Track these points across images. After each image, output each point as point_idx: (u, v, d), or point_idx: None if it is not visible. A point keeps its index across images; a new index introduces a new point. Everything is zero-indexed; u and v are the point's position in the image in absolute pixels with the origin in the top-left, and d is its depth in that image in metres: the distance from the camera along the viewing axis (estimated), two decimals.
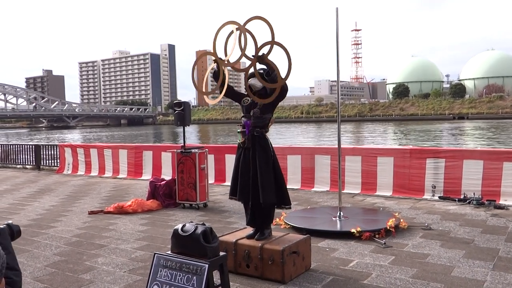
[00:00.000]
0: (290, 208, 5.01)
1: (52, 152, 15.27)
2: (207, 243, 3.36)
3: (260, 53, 4.48)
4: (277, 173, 4.81)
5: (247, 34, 4.46)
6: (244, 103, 4.87)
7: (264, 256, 4.51)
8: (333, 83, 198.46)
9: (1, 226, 1.37)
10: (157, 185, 8.58)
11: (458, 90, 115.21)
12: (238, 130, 4.84)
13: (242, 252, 4.65)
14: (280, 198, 4.81)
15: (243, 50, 4.52)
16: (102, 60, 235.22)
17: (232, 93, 4.94)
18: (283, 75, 4.43)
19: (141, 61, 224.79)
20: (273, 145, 4.92)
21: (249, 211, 4.88)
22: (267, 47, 4.48)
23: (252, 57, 4.51)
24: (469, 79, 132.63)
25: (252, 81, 4.74)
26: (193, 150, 8.18)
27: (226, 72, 4.66)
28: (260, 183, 4.63)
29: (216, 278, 3.54)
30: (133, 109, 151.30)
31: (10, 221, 1.42)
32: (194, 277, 3.25)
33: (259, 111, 4.72)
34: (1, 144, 17.88)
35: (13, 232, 1.40)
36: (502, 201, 7.70)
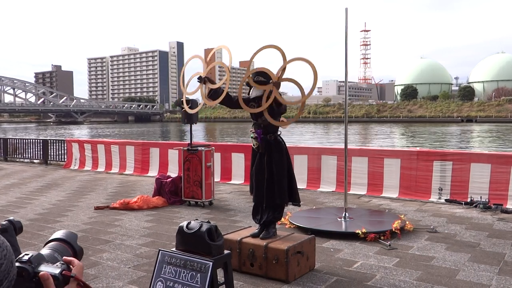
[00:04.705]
0: (299, 205, 5.23)
1: (60, 147, 15.37)
2: (212, 241, 3.37)
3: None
4: (291, 174, 4.99)
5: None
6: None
7: (269, 255, 4.51)
8: (341, 84, 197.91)
9: (4, 222, 1.37)
10: (163, 182, 8.61)
11: (467, 92, 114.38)
12: (251, 136, 4.95)
13: (247, 251, 4.65)
14: (292, 197, 5.03)
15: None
16: (111, 57, 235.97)
17: (231, 103, 5.04)
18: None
19: (150, 58, 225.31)
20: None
21: (260, 210, 4.94)
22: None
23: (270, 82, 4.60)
24: (478, 82, 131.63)
25: (254, 92, 4.84)
26: (199, 148, 8.20)
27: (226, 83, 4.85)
28: (277, 186, 4.81)
29: (220, 276, 3.55)
30: (141, 106, 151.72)
31: (11, 217, 1.42)
32: (198, 275, 3.26)
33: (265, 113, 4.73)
34: (10, 138, 18.02)
35: (16, 228, 1.40)
36: (509, 205, 7.64)
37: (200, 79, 5.00)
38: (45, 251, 1.18)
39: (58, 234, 1.26)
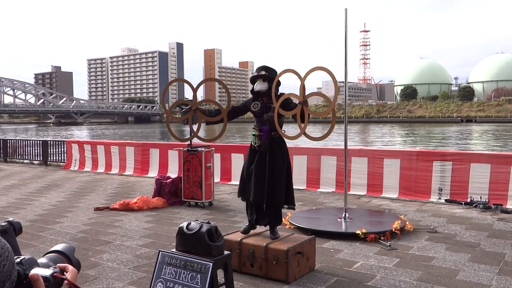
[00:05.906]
0: (293, 209, 5.15)
1: (59, 148, 15.37)
2: (212, 241, 3.37)
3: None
4: (289, 174, 4.95)
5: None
6: (254, 108, 4.90)
7: (269, 256, 4.51)
8: (340, 84, 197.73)
9: (4, 223, 1.37)
10: (163, 183, 8.61)
11: (466, 93, 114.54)
12: (254, 133, 4.85)
13: (247, 251, 4.65)
14: (288, 199, 4.95)
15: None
16: (111, 57, 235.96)
17: (235, 114, 5.21)
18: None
19: (149, 59, 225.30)
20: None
21: (259, 211, 4.91)
22: None
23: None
24: (478, 82, 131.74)
25: (258, 86, 4.86)
26: (199, 149, 8.20)
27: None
28: (278, 186, 4.77)
29: (220, 276, 3.55)
30: (141, 107, 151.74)
31: (11, 218, 1.41)
32: (199, 275, 3.26)
33: (274, 115, 4.71)
34: (9, 139, 18.02)
35: (15, 229, 1.39)
36: (509, 205, 7.64)
37: (189, 109, 5.13)
38: (41, 260, 1.18)
39: (57, 247, 1.27)
